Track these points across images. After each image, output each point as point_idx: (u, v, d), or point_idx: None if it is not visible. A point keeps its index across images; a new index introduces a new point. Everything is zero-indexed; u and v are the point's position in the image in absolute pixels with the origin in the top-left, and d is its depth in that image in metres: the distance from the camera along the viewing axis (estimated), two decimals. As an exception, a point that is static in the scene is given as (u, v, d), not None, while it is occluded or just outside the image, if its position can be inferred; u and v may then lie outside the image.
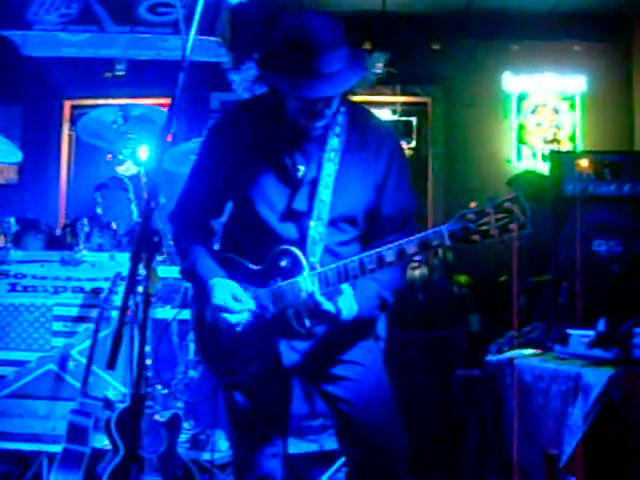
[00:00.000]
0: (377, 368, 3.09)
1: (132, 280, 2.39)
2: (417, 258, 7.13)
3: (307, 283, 2.77)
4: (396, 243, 2.65)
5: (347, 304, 2.77)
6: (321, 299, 2.73)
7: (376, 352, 3.17)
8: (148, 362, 4.44)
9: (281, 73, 2.76)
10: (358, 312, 2.81)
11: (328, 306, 2.73)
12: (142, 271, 2.45)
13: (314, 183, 2.92)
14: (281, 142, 2.97)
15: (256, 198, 2.96)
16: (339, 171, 2.93)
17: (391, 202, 2.97)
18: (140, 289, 2.50)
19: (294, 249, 2.86)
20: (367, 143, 3.00)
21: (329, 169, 2.92)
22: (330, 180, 2.91)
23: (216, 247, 3.21)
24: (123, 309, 2.32)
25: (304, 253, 2.86)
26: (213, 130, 3.13)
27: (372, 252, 2.69)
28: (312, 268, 2.82)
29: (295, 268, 2.84)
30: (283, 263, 2.88)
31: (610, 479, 2.55)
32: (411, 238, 2.62)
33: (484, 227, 2.48)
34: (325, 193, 2.90)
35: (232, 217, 3.16)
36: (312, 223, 2.90)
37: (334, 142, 2.95)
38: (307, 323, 2.84)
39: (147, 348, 4.40)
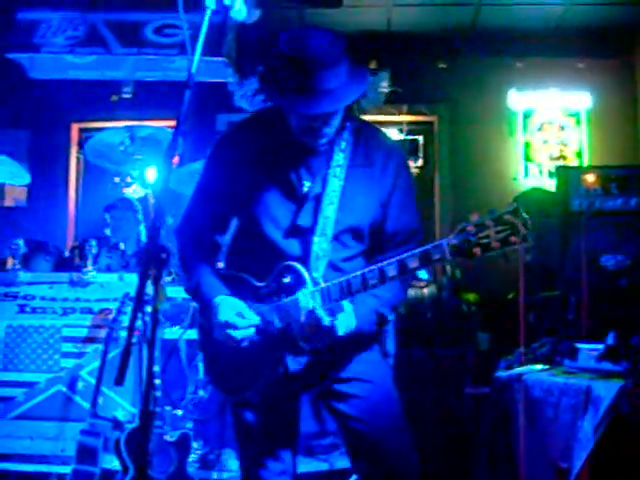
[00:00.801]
0: (386, 385, 3.07)
1: (140, 297, 2.39)
2: (426, 277, 7.14)
3: (307, 299, 2.76)
4: (398, 258, 2.64)
5: (345, 321, 2.77)
6: (322, 314, 2.73)
7: (385, 368, 3.16)
8: (157, 382, 4.44)
9: (280, 89, 2.77)
10: (356, 327, 2.81)
11: (327, 321, 2.73)
12: (150, 289, 2.45)
13: (319, 199, 2.91)
14: (286, 158, 2.96)
15: (261, 214, 2.96)
16: (344, 187, 2.92)
17: (396, 218, 2.98)
18: (148, 308, 2.51)
19: (297, 265, 2.85)
20: (373, 159, 2.99)
21: (334, 185, 2.91)
22: (335, 196, 2.90)
23: (221, 264, 3.20)
24: (131, 325, 2.32)
25: (308, 269, 2.85)
26: (216, 148, 3.13)
27: (374, 267, 2.68)
28: (315, 284, 2.81)
29: (299, 284, 2.83)
30: (287, 279, 2.87)
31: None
32: (413, 252, 2.61)
33: (485, 240, 2.48)
34: (330, 209, 2.89)
35: (237, 234, 3.15)
36: (316, 239, 2.88)
37: (339, 158, 2.94)
38: (311, 339, 2.82)
39: (156, 368, 4.41)
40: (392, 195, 2.99)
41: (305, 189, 2.94)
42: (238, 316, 2.85)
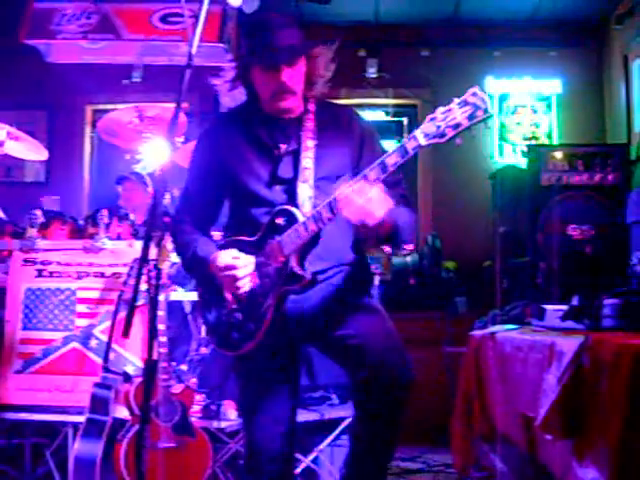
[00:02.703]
0: (382, 313, 3.05)
1: (144, 258, 2.39)
2: (409, 247, 7.15)
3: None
4: (377, 160, 2.65)
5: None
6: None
7: (379, 310, 3.09)
8: (163, 339, 4.44)
9: (249, 50, 2.93)
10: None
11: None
12: (154, 251, 2.45)
13: (296, 153, 2.94)
14: (262, 129, 3.01)
15: (244, 174, 2.98)
16: (318, 144, 2.95)
17: (370, 162, 2.82)
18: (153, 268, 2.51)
19: (287, 207, 2.85)
20: (338, 120, 3.06)
21: (308, 143, 2.94)
22: (310, 150, 2.93)
23: (217, 234, 3.23)
24: (136, 282, 2.33)
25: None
26: (201, 136, 3.20)
27: (357, 177, 2.68)
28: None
29: (291, 223, 2.82)
30: (279, 221, 2.85)
31: (582, 436, 2.56)
32: (389, 151, 2.64)
33: (453, 121, 2.57)
34: (307, 161, 2.91)
35: (230, 211, 3.15)
36: (299, 185, 2.88)
37: (309, 123, 2.99)
38: (307, 266, 2.82)
39: (161, 326, 4.42)
40: (363, 145, 3.02)
41: (282, 146, 2.97)
42: (235, 259, 2.85)
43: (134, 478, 4.12)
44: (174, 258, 5.01)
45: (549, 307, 3.58)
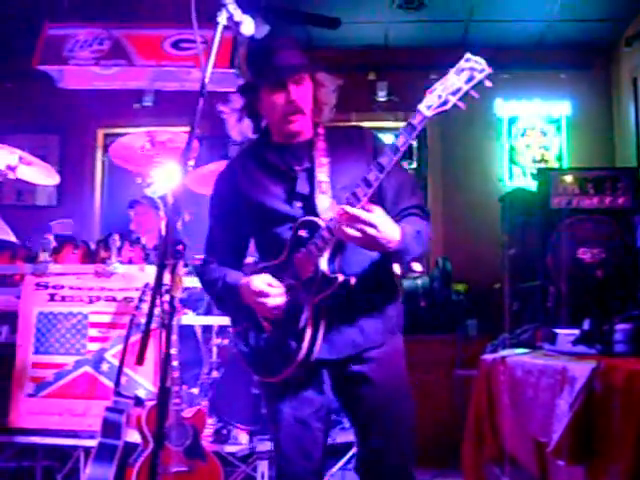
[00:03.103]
0: (398, 361, 3.01)
1: (158, 285, 2.41)
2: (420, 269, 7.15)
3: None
4: (388, 145, 2.63)
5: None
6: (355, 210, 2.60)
7: (398, 345, 3.05)
8: (175, 364, 4.45)
9: (254, 74, 2.95)
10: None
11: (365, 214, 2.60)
12: (167, 278, 2.47)
13: (311, 171, 2.90)
14: (273, 156, 3.00)
15: (260, 196, 2.95)
16: (331, 161, 2.92)
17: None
18: (166, 297, 2.53)
19: (308, 218, 2.79)
20: (349, 138, 3.04)
21: (322, 160, 2.91)
22: (325, 165, 2.90)
23: (250, 259, 3.23)
24: (150, 311, 2.34)
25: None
26: (218, 179, 3.16)
27: (370, 167, 2.64)
28: None
29: (314, 233, 2.75)
30: (302, 233, 2.79)
31: (594, 462, 2.55)
32: (397, 132, 2.61)
33: (453, 88, 2.56)
34: (323, 176, 2.86)
35: (255, 242, 3.12)
36: (317, 196, 2.83)
37: (320, 144, 2.97)
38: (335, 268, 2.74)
39: (173, 351, 4.42)
40: (376, 155, 2.85)
41: (296, 168, 2.94)
42: (268, 285, 2.79)
43: (146, 502, 4.12)
44: (187, 284, 5.05)
45: (560, 331, 3.57)
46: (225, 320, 5.57)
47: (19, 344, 5.00)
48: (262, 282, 2.81)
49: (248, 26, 2.84)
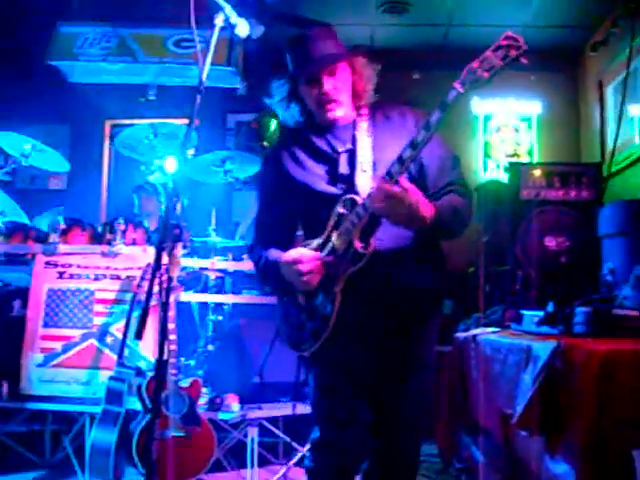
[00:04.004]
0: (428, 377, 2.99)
1: (157, 265, 2.40)
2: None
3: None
4: (422, 123, 2.56)
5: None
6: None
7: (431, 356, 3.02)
8: (173, 337, 4.45)
9: (292, 66, 2.89)
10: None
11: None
12: (165, 259, 2.47)
13: (352, 152, 2.83)
14: (317, 138, 2.93)
15: (305, 178, 2.88)
16: (373, 140, 2.84)
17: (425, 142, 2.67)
18: (165, 275, 2.52)
19: (348, 196, 2.73)
20: (391, 118, 2.93)
21: (363, 141, 2.83)
22: (366, 145, 2.82)
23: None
24: (149, 289, 2.34)
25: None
26: (265, 163, 3.15)
27: (404, 145, 2.56)
28: None
29: (353, 209, 2.69)
30: (342, 210, 2.73)
31: (554, 433, 2.57)
32: (432, 111, 2.54)
33: (488, 65, 2.46)
34: (364, 155, 2.79)
35: (301, 221, 3.02)
36: (357, 176, 2.76)
37: (363, 124, 2.88)
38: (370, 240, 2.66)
39: (172, 326, 4.43)
40: (418, 131, 2.79)
41: (339, 149, 2.87)
42: (300, 253, 2.76)
43: (145, 464, 4.13)
44: (184, 264, 5.05)
45: (527, 312, 3.58)
46: (219, 298, 5.59)
47: (29, 317, 4.99)
48: (295, 251, 2.78)
49: (243, 28, 2.84)
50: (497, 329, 4.06)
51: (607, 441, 2.29)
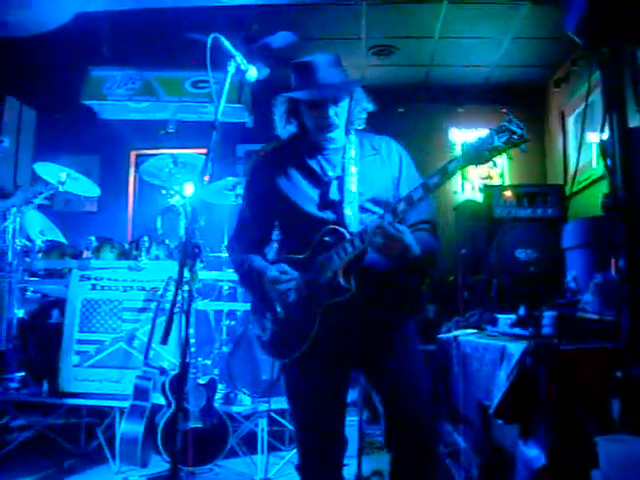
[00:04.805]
0: (417, 362, 2.79)
1: (180, 279, 2.41)
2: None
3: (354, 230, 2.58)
4: (420, 182, 2.44)
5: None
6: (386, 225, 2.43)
7: (416, 346, 2.83)
8: (192, 341, 4.47)
9: (297, 87, 2.77)
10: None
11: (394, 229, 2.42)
12: (187, 274, 2.49)
13: (341, 180, 2.72)
14: (310, 157, 2.81)
15: (297, 198, 2.73)
16: (360, 170, 2.74)
17: (408, 188, 2.63)
18: (186, 287, 2.54)
19: (335, 226, 2.61)
20: (378, 149, 2.85)
21: (352, 169, 2.73)
22: (354, 176, 2.71)
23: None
24: (174, 300, 2.36)
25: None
26: (254, 168, 2.96)
27: (401, 198, 2.48)
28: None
29: (338, 241, 2.58)
30: (327, 239, 2.61)
31: (526, 421, 2.58)
32: (432, 173, 2.39)
33: (490, 146, 2.31)
34: (351, 186, 2.69)
35: (281, 230, 2.87)
36: (345, 207, 2.65)
37: (351, 152, 2.78)
38: (352, 280, 2.53)
39: (191, 330, 4.44)
40: (401, 170, 2.80)
41: (330, 174, 2.76)
42: (281, 273, 2.65)
43: (169, 452, 4.14)
44: (201, 277, 5.06)
45: (501, 316, 3.58)
46: (232, 305, 5.60)
47: (66, 324, 5.01)
48: (276, 271, 2.68)
49: (252, 73, 2.86)
50: (475, 331, 4.05)
51: (570, 428, 2.32)
